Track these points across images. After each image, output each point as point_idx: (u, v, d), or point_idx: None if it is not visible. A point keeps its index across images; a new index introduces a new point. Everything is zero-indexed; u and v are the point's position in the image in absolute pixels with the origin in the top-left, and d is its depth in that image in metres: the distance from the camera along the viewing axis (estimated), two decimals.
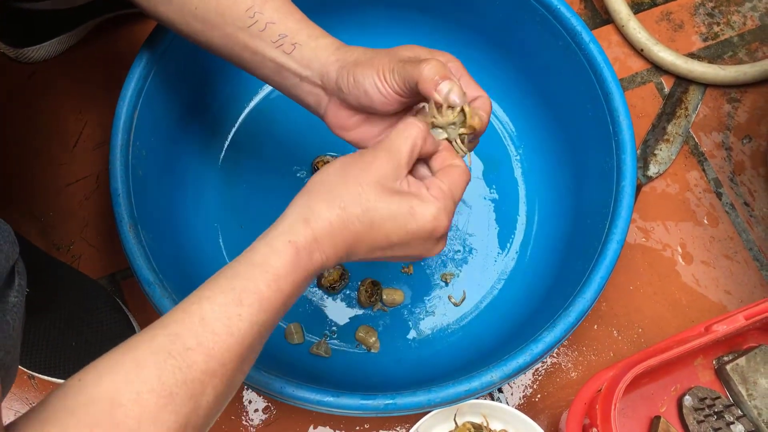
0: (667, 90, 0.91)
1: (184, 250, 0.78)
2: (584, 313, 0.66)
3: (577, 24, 0.75)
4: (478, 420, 0.74)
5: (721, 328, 0.64)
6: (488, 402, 0.72)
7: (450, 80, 0.52)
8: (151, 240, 0.69)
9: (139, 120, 0.72)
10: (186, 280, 0.74)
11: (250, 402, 0.78)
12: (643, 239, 0.84)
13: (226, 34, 0.58)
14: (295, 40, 0.56)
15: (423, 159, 0.53)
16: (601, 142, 0.74)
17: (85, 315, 0.76)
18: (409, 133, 0.50)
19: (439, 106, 0.52)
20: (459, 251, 0.82)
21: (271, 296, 0.46)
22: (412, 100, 0.55)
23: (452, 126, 0.54)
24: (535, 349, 0.64)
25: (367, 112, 0.57)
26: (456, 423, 0.72)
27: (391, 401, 0.63)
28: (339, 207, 0.48)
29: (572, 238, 0.77)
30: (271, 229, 0.49)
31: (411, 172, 0.52)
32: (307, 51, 0.56)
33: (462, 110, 0.53)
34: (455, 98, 0.52)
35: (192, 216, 0.81)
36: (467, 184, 0.53)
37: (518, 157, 0.85)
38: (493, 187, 0.84)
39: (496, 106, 0.87)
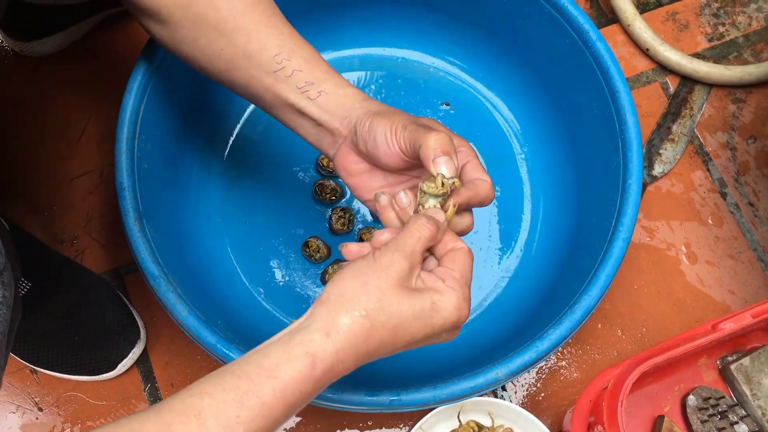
0: (672, 90, 0.91)
1: (188, 245, 0.78)
2: (590, 310, 0.66)
3: (585, 22, 0.75)
4: (481, 418, 0.74)
5: (728, 326, 0.64)
6: (492, 400, 0.72)
7: (449, 156, 0.51)
8: (155, 234, 0.69)
9: (145, 113, 0.71)
10: (190, 274, 0.74)
11: None
12: (648, 239, 0.84)
13: (250, 75, 0.58)
14: (321, 88, 0.57)
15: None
16: (607, 140, 0.74)
17: (88, 309, 0.76)
18: (422, 234, 0.50)
19: (432, 178, 0.52)
20: None
21: (275, 404, 0.44)
22: (412, 163, 0.55)
23: (441, 198, 0.53)
24: (540, 346, 0.64)
25: (373, 162, 0.57)
26: (459, 421, 0.72)
27: (396, 397, 0.63)
28: (362, 316, 0.47)
29: (577, 235, 0.77)
30: (287, 335, 0.47)
31: None
32: (333, 98, 0.57)
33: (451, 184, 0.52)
34: (445, 170, 0.51)
35: (196, 211, 0.80)
36: (473, 261, 0.53)
37: (523, 155, 0.85)
38: (498, 184, 0.84)
39: (500, 103, 0.87)
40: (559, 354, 0.80)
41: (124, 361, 0.75)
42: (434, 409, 0.71)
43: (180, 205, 0.78)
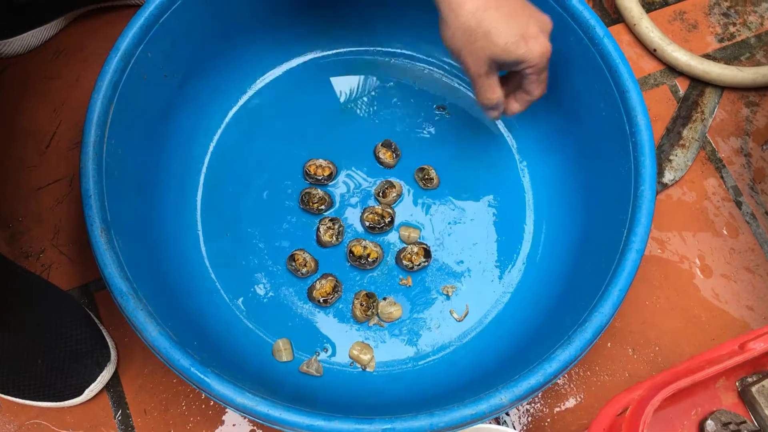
0: (681, 92, 0.86)
1: (162, 259, 0.72)
2: (602, 329, 0.60)
3: (591, 18, 0.69)
4: None
5: (759, 346, 0.58)
6: (495, 427, 0.66)
7: None
8: (125, 246, 0.63)
9: (115, 115, 0.66)
10: (164, 290, 0.67)
11: (234, 425, 0.71)
12: (659, 250, 0.79)
13: None
14: None
15: None
16: (615, 144, 0.69)
17: (53, 329, 0.69)
18: None
19: None
20: (461, 262, 0.76)
21: None
22: None
23: None
24: (548, 368, 0.58)
25: None
26: None
27: (389, 425, 0.57)
28: None
29: (584, 247, 0.71)
30: None
31: None
32: None
33: None
34: None
35: (172, 222, 0.74)
36: None
37: (524, 162, 0.80)
38: (498, 194, 0.78)
39: None
40: (565, 375, 0.74)
41: (92, 385, 0.69)
42: None
43: (154, 215, 0.72)
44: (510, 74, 0.68)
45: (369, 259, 0.75)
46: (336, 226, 0.76)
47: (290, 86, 0.82)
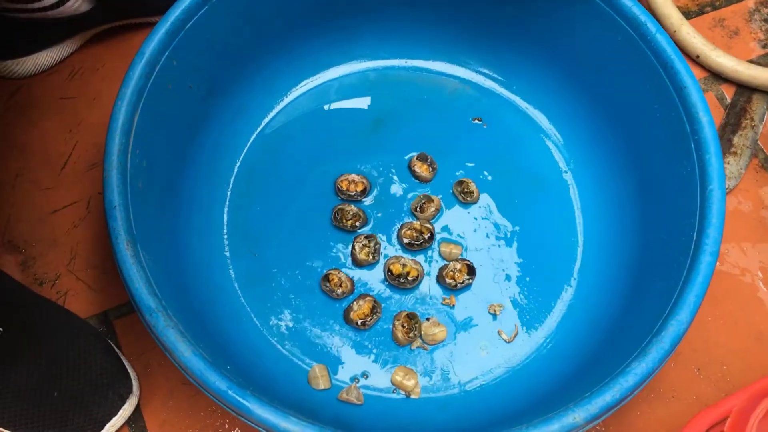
0: (728, 100, 0.82)
1: (190, 281, 0.66)
2: (679, 338, 0.55)
3: (641, 13, 0.66)
4: None
5: None
6: None
7: None
8: (152, 264, 0.58)
9: (140, 125, 0.61)
10: (193, 314, 0.62)
11: None
12: (718, 264, 0.73)
13: None
14: None
15: None
16: (674, 145, 0.64)
17: (70, 360, 0.64)
18: None
19: None
20: (507, 279, 0.71)
21: None
22: None
23: None
24: (624, 383, 0.53)
25: None
26: None
27: None
28: None
29: (644, 256, 0.66)
30: None
31: None
32: None
33: None
34: None
35: (198, 241, 0.69)
36: None
37: (569, 173, 0.75)
38: (543, 206, 0.74)
39: (540, 116, 0.77)
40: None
41: (114, 419, 0.63)
42: None
43: (180, 233, 0.67)
44: None
45: (409, 278, 0.69)
46: (372, 244, 0.71)
47: (319, 102, 0.78)
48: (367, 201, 0.74)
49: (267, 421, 0.51)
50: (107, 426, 0.63)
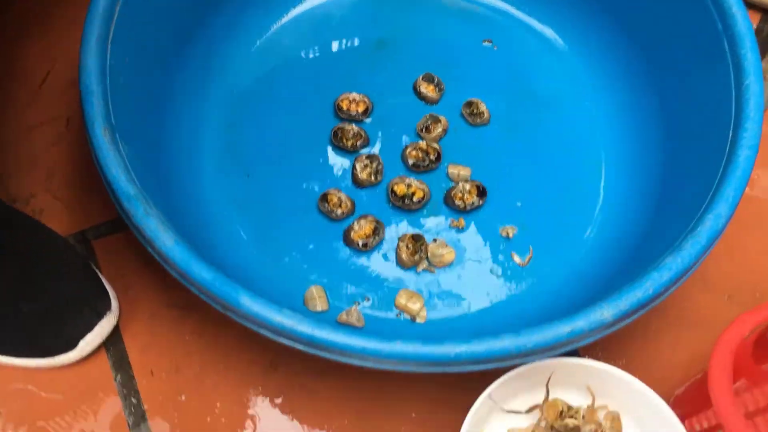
0: (754, 26, 0.77)
1: (178, 201, 0.60)
2: (718, 234, 0.49)
3: None
4: (570, 396, 0.55)
5: None
6: (590, 362, 0.53)
7: None
8: (133, 158, 0.52)
9: (121, 16, 0.56)
10: (179, 225, 0.56)
11: (260, 387, 0.59)
12: (748, 188, 0.68)
13: None
14: None
15: None
16: (703, 49, 0.59)
17: (44, 273, 0.58)
18: None
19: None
20: (520, 203, 0.65)
21: None
22: None
23: None
24: (658, 278, 0.47)
25: None
26: (548, 390, 0.53)
27: (464, 347, 0.45)
28: None
29: (673, 160, 0.60)
30: None
31: None
32: None
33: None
34: None
35: (186, 159, 0.64)
36: None
37: (587, 93, 0.70)
38: (558, 127, 0.68)
39: (554, 35, 0.72)
40: (653, 322, 0.62)
41: (89, 336, 0.57)
42: (509, 371, 0.52)
43: (164, 151, 0.61)
44: None
45: (414, 199, 0.64)
46: (374, 164, 0.65)
47: (319, 22, 0.73)
48: (369, 122, 0.68)
49: (258, 314, 0.46)
50: (81, 343, 0.57)
